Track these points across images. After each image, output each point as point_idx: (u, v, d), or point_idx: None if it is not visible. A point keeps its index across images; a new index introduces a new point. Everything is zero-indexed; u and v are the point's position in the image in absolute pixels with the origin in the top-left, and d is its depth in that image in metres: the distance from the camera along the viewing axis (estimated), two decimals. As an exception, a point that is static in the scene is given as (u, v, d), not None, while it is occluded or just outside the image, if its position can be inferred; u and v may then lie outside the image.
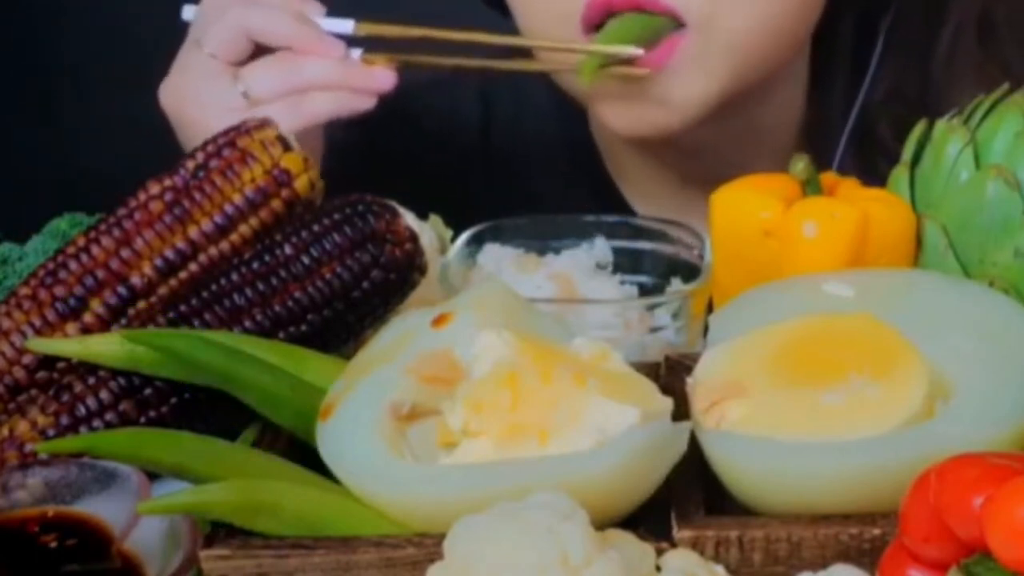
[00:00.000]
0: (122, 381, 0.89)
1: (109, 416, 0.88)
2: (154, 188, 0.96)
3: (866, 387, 0.79)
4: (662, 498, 0.78)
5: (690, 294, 1.01)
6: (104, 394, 0.89)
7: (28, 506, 0.81)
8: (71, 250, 0.94)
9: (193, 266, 0.94)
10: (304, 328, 0.91)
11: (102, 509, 0.80)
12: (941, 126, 1.00)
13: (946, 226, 0.96)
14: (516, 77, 1.32)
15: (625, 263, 1.08)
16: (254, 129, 0.97)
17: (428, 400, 0.82)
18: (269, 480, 0.80)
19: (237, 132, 0.97)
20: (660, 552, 0.74)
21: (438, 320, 0.85)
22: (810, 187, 0.97)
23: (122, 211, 0.95)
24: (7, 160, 2.25)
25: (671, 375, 0.88)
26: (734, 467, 0.79)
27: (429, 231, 1.05)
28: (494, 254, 1.07)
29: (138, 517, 0.78)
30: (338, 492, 0.80)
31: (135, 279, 0.93)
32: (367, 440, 0.80)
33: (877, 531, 0.75)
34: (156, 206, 0.94)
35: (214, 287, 0.91)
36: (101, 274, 0.93)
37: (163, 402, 0.89)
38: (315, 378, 0.87)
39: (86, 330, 0.92)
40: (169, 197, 0.95)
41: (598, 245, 1.08)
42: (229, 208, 0.94)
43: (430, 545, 0.75)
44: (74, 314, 0.92)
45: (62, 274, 0.93)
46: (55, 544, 0.80)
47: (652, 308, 0.99)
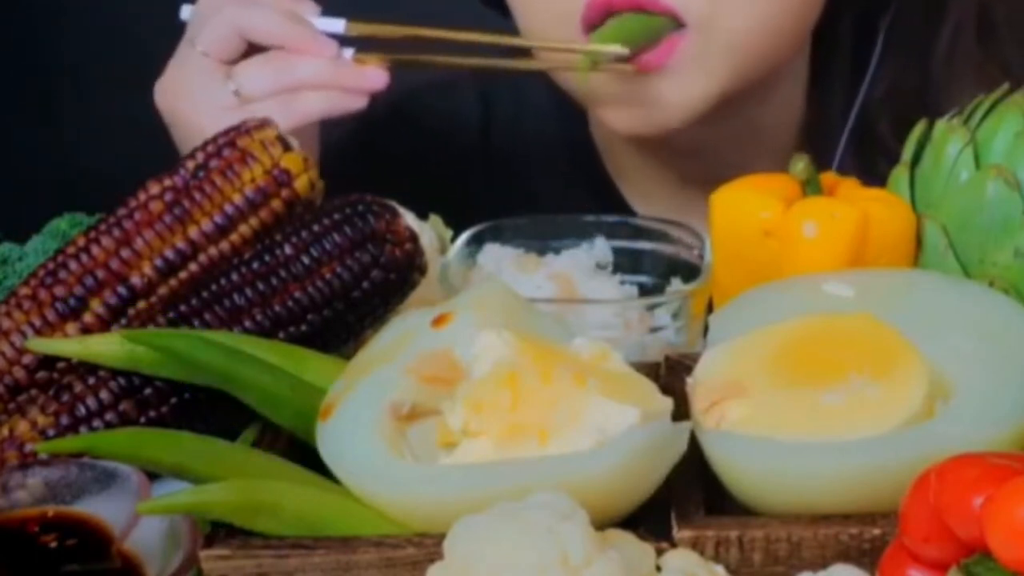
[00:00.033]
0: (122, 381, 0.89)
1: (109, 416, 0.88)
2: (154, 188, 0.96)
3: (866, 387, 0.79)
4: (662, 498, 0.78)
5: (690, 294, 1.00)
6: (104, 394, 0.89)
7: (28, 506, 0.81)
8: (71, 250, 0.94)
9: (193, 266, 0.94)
10: (304, 328, 0.91)
11: (102, 509, 0.80)
12: (941, 126, 1.00)
13: (946, 226, 0.96)
14: (516, 77, 1.32)
15: (625, 263, 1.08)
16: (254, 129, 0.97)
17: (428, 400, 0.82)
18: (269, 480, 0.80)
19: (237, 132, 0.97)
20: (660, 552, 0.74)
21: (438, 320, 0.85)
22: (810, 187, 0.97)
23: (122, 211, 0.95)
24: (7, 160, 2.25)
25: (671, 375, 0.88)
26: (734, 467, 0.78)
27: (429, 231, 1.05)
28: (494, 254, 1.06)
29: (138, 517, 0.78)
30: (338, 492, 0.80)
31: (135, 279, 0.93)
32: (367, 440, 0.80)
33: (877, 531, 0.75)
34: (156, 206, 0.94)
35: (214, 287, 0.91)
36: (101, 274, 0.93)
37: (163, 402, 0.89)
38: (315, 378, 0.87)
39: (86, 330, 0.92)
40: (169, 197, 0.95)
41: (598, 245, 1.08)
42: (229, 208, 0.94)
43: (430, 545, 0.75)
44: (74, 314, 0.92)
45: (62, 274, 0.93)
46: (55, 544, 0.80)
47: (652, 308, 0.99)
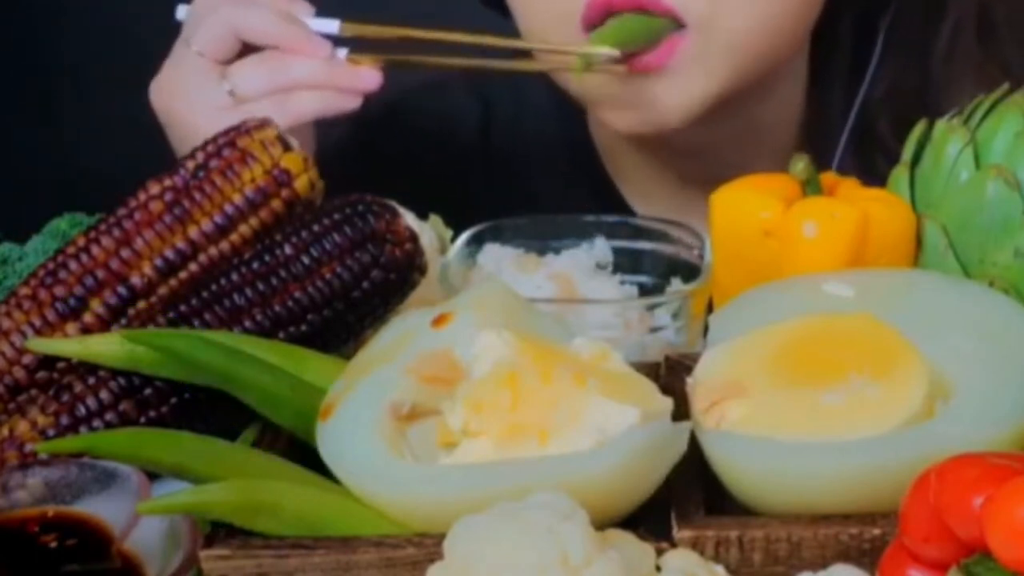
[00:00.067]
0: (122, 381, 0.89)
1: (109, 416, 0.88)
2: (154, 188, 0.96)
3: (866, 387, 0.79)
4: (662, 498, 0.78)
5: (690, 294, 1.00)
6: (104, 394, 0.89)
7: (28, 506, 0.81)
8: (71, 250, 0.94)
9: (193, 266, 0.94)
10: (304, 328, 0.91)
11: (102, 509, 0.80)
12: (941, 126, 1.00)
13: (946, 226, 0.96)
14: (516, 77, 1.32)
15: (625, 263, 1.08)
16: (254, 129, 0.97)
17: (428, 400, 0.82)
18: (269, 480, 0.80)
19: (237, 132, 0.97)
20: (660, 552, 0.74)
21: (438, 320, 0.85)
22: (810, 187, 0.97)
23: (122, 211, 0.95)
24: (7, 160, 2.25)
25: (671, 375, 0.88)
26: (734, 467, 0.78)
27: (429, 231, 1.05)
28: (494, 254, 1.06)
29: (138, 517, 0.78)
30: (338, 492, 0.79)
31: (135, 279, 0.93)
32: (367, 440, 0.80)
33: (877, 531, 0.75)
34: (156, 206, 0.94)
35: (214, 287, 0.91)
36: (101, 274, 0.93)
37: (163, 402, 0.89)
38: (315, 378, 0.87)
39: (86, 330, 0.92)
40: (169, 197, 0.95)
41: (598, 245, 1.08)
42: (229, 208, 0.94)
43: (430, 545, 0.75)
44: (74, 314, 0.92)
45: (62, 274, 0.93)
46: (55, 544, 0.80)
47: (652, 308, 0.99)
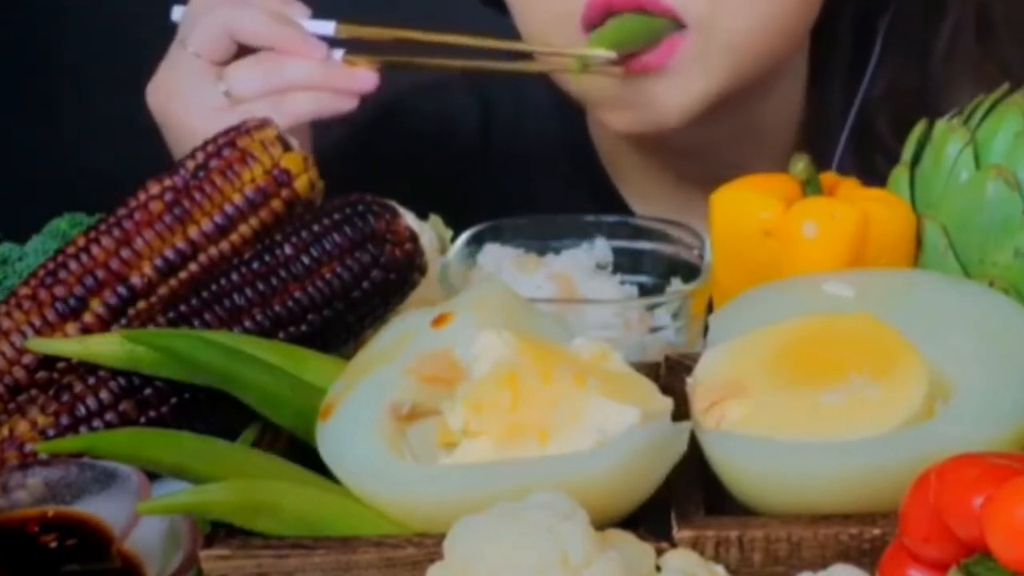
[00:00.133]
0: (122, 381, 0.89)
1: (109, 416, 0.88)
2: (154, 188, 0.96)
3: (866, 387, 0.79)
4: (662, 498, 0.78)
5: (690, 294, 1.00)
6: (104, 394, 0.89)
7: (28, 506, 0.81)
8: (71, 250, 0.94)
9: (193, 266, 0.94)
10: (304, 328, 0.91)
11: (102, 509, 0.80)
12: (941, 126, 1.00)
13: (946, 226, 0.96)
14: (515, 78, 1.32)
15: (625, 263, 1.08)
16: (254, 129, 0.97)
17: (428, 400, 0.82)
18: (269, 480, 0.80)
19: (237, 132, 0.97)
20: (660, 552, 0.74)
21: (438, 320, 0.85)
22: (810, 187, 0.97)
23: (122, 211, 0.95)
24: (7, 160, 2.25)
25: (671, 375, 0.88)
26: (734, 467, 0.78)
27: (429, 231, 1.05)
28: (494, 254, 1.06)
29: (138, 517, 0.78)
30: (338, 492, 0.79)
31: (135, 279, 0.93)
32: (367, 440, 0.80)
33: (877, 531, 0.75)
34: (156, 206, 0.94)
35: (214, 287, 0.91)
36: (101, 274, 0.93)
37: (163, 402, 0.89)
38: (315, 378, 0.87)
39: (86, 330, 0.92)
40: (169, 197, 0.94)
41: (598, 245, 1.08)
42: (229, 208, 0.94)
43: (430, 545, 0.75)
44: (74, 314, 0.92)
45: (62, 274, 0.93)
46: (55, 544, 0.80)
47: (652, 308, 0.99)
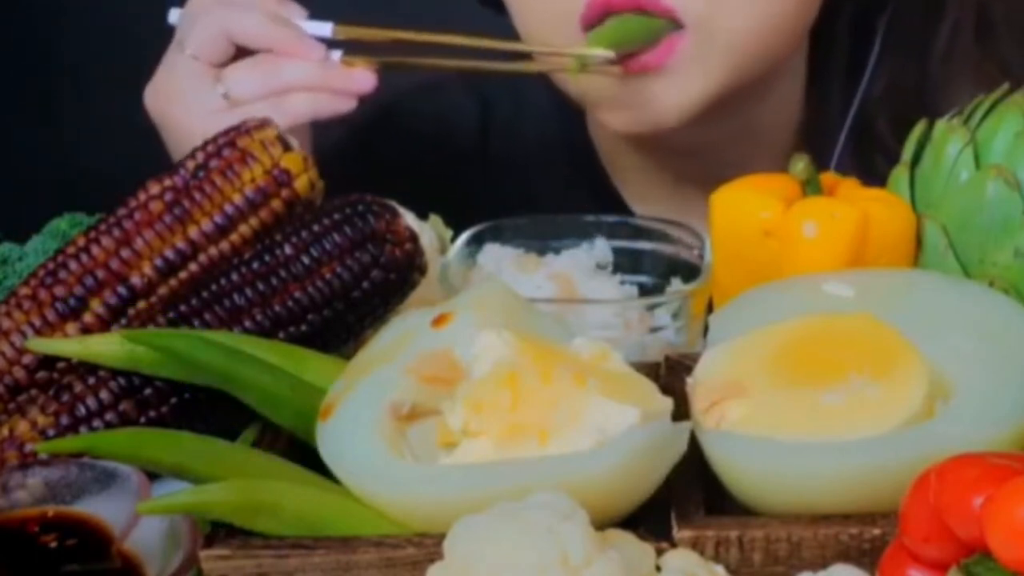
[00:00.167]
0: (122, 381, 0.89)
1: (109, 416, 0.88)
2: (154, 188, 0.96)
3: (866, 387, 0.79)
4: (662, 498, 0.78)
5: (690, 294, 1.00)
6: (104, 394, 0.89)
7: (28, 506, 0.81)
8: (71, 250, 0.94)
9: (193, 266, 0.94)
10: (304, 328, 0.91)
11: (102, 509, 0.80)
12: (941, 126, 1.00)
13: (946, 226, 0.96)
14: (514, 78, 1.32)
15: (625, 263, 1.08)
16: (254, 129, 0.97)
17: (428, 400, 0.82)
18: (269, 480, 0.80)
19: (237, 132, 0.97)
20: (660, 552, 0.74)
21: (438, 320, 0.85)
22: (810, 187, 0.97)
23: (122, 211, 0.95)
24: (7, 160, 2.25)
25: (671, 375, 0.88)
26: (734, 467, 0.78)
27: (429, 231, 1.05)
28: (494, 254, 1.06)
29: (138, 517, 0.78)
30: (338, 492, 0.79)
31: (135, 279, 0.93)
32: (367, 440, 0.80)
33: (877, 531, 0.75)
34: (156, 206, 0.94)
35: (214, 287, 0.91)
36: (101, 274, 0.93)
37: (163, 402, 0.89)
38: (315, 378, 0.87)
39: (86, 330, 0.92)
40: (169, 197, 0.95)
41: (598, 245, 1.08)
42: (229, 208, 0.94)
43: (430, 545, 0.75)
44: (74, 314, 0.92)
45: (62, 274, 0.93)
46: (55, 544, 0.80)
47: (652, 308, 0.99)
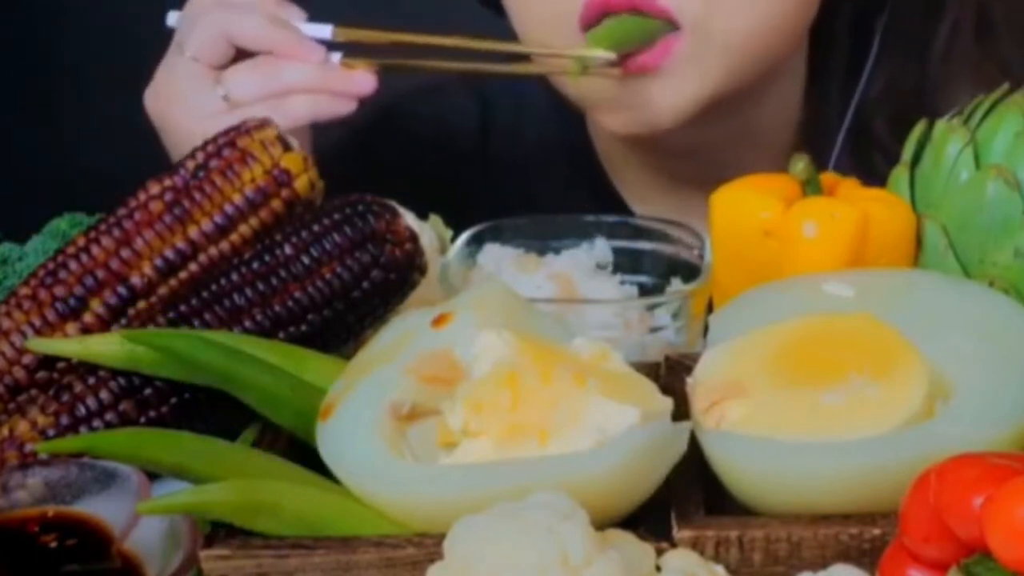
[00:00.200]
0: (122, 381, 0.89)
1: (109, 416, 0.88)
2: (154, 188, 0.96)
3: (866, 387, 0.79)
4: (662, 498, 0.78)
5: (690, 294, 1.00)
6: (104, 394, 0.89)
7: (28, 506, 0.81)
8: (71, 250, 0.94)
9: (193, 266, 0.94)
10: (304, 328, 0.91)
11: (102, 509, 0.80)
12: (941, 126, 1.00)
13: (946, 226, 0.96)
14: (515, 80, 1.32)
15: (625, 263, 1.08)
16: (254, 129, 0.97)
17: (428, 400, 0.82)
18: (269, 480, 0.80)
19: (237, 132, 0.97)
20: (660, 552, 0.74)
21: (438, 320, 0.85)
22: (810, 187, 0.97)
23: (122, 211, 0.95)
24: (7, 160, 2.25)
25: (671, 375, 0.88)
26: (734, 467, 0.78)
27: (429, 231, 1.05)
28: (494, 254, 1.06)
29: (138, 517, 0.78)
30: (338, 492, 0.80)
31: (135, 279, 0.93)
32: (367, 440, 0.80)
33: (877, 531, 0.75)
34: (156, 206, 0.94)
35: (214, 287, 0.91)
36: (101, 274, 0.93)
37: (163, 402, 0.89)
38: (315, 378, 0.87)
39: (86, 330, 0.92)
40: (169, 197, 0.95)
41: (598, 245, 1.08)
42: (229, 208, 0.94)
43: (430, 545, 0.75)
44: (74, 314, 0.92)
45: (62, 274, 0.93)
46: (55, 544, 0.80)
47: (652, 308, 0.99)
